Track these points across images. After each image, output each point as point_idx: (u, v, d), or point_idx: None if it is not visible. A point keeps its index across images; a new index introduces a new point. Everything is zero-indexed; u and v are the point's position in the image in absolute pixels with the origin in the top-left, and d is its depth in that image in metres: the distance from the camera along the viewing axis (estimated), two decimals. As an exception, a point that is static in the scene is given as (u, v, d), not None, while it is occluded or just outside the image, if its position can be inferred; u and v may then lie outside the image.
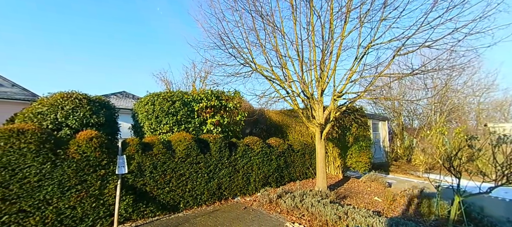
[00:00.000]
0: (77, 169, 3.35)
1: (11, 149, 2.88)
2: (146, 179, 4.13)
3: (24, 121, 4.13)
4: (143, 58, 38.27)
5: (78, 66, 39.32)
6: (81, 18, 33.50)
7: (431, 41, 4.20)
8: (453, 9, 3.82)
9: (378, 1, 5.10)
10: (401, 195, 5.92)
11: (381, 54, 5.31)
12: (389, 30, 5.11)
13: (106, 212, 3.60)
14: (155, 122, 5.69)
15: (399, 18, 4.96)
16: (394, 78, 5.72)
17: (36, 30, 31.80)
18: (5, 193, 2.80)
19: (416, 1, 5.36)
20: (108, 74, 40.13)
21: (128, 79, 40.55)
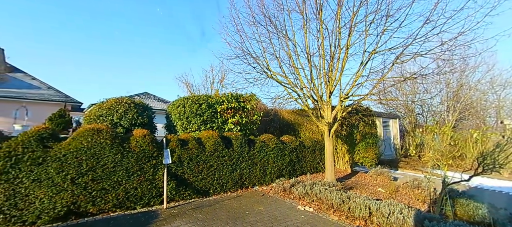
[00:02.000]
0: (137, 159, 4.39)
1: (95, 143, 3.95)
2: (185, 168, 5.13)
3: (89, 122, 5.27)
4: (166, 60, 40.33)
5: (102, 68, 42.01)
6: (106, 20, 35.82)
7: (424, 51, 4.84)
8: (442, 25, 4.46)
9: (380, 13, 5.74)
10: (403, 187, 6.58)
11: (386, 58, 5.89)
12: (390, 39, 5.79)
13: (157, 193, 4.63)
14: (186, 121, 6.72)
15: (400, 28, 5.62)
16: (396, 82, 6.34)
17: (68, 32, 34.46)
18: (93, 175, 3.87)
19: (414, 14, 5.93)
20: (130, 75, 42.57)
21: (150, 80, 42.84)
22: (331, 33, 6.26)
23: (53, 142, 3.72)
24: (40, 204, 3.41)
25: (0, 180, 3.20)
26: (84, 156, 3.81)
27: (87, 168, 3.82)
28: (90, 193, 3.84)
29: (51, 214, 3.47)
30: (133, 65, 44.91)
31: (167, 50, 45.59)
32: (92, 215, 3.94)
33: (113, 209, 4.11)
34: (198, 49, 45.37)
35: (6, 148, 3.27)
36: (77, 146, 3.78)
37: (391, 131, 15.05)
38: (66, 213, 3.62)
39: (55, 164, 3.56)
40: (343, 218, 4.36)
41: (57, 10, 32.33)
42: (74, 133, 3.98)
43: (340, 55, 6.33)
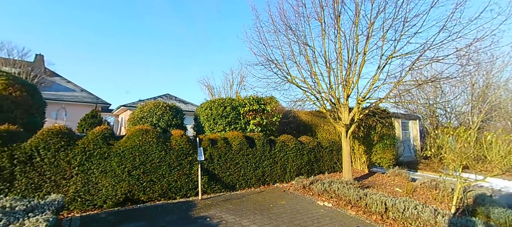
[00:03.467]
0: (177, 155, 5.10)
1: (144, 141, 4.70)
2: (215, 165, 5.78)
3: (134, 123, 6.10)
4: (188, 62, 42.15)
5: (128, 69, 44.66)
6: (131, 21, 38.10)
7: (441, 57, 5.07)
8: (458, 33, 4.68)
9: (398, 20, 5.99)
10: (421, 187, 6.76)
11: (404, 62, 6.13)
12: (407, 45, 6.03)
13: (193, 186, 5.31)
14: (213, 122, 7.40)
15: (417, 33, 5.86)
16: (413, 86, 6.54)
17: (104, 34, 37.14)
18: (144, 168, 4.62)
19: (431, 20, 6.10)
20: (153, 77, 44.88)
21: (171, 81, 44.96)
22: (348, 39, 6.60)
23: (114, 140, 4.51)
24: (105, 191, 4.20)
25: (78, 170, 4.01)
26: (137, 152, 4.57)
27: (139, 163, 4.57)
28: (142, 184, 4.59)
29: (113, 200, 4.25)
30: (144, 65, 47.37)
31: (186, 52, 47.46)
32: (142, 203, 4.70)
33: (159, 198, 4.85)
34: (216, 53, 46.79)
35: (81, 145, 4.08)
36: (132, 143, 4.55)
37: (410, 132, 14.86)
38: (124, 200, 4.39)
39: (117, 158, 4.34)
40: (360, 213, 4.75)
41: (61, 8, 34.96)
42: (128, 133, 4.75)
43: (357, 59, 6.65)
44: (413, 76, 9.28)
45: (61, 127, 3.98)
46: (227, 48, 47.81)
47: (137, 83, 46.97)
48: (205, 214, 4.35)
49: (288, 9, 7.13)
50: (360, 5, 6.18)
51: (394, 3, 5.92)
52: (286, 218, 4.35)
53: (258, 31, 6.72)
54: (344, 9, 6.69)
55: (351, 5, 6.37)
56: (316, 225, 4.11)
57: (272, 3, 8.76)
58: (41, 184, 3.70)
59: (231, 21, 46.54)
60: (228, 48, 48.65)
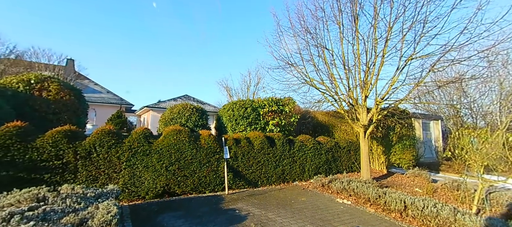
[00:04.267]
0: (206, 153, 5.60)
1: (178, 140, 5.24)
2: (239, 162, 6.23)
3: (165, 123, 6.70)
4: (205, 63, 43.62)
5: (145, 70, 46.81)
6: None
7: (462, 59, 5.12)
8: (480, 35, 4.73)
9: (417, 23, 6.06)
10: (442, 188, 6.76)
11: (424, 63, 6.19)
12: (427, 46, 6.09)
13: (220, 182, 5.80)
14: (235, 123, 7.87)
15: (438, 35, 5.91)
16: (434, 88, 6.55)
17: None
18: (179, 164, 5.17)
19: (452, 22, 6.09)
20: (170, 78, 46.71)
21: (189, 82, 46.60)
22: (367, 41, 6.75)
23: (152, 139, 5.10)
24: (147, 183, 4.79)
25: (126, 165, 4.62)
26: (172, 150, 5.12)
27: (174, 159, 5.12)
28: (177, 178, 5.14)
29: (154, 192, 4.83)
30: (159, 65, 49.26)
31: (187, 51, 48.83)
32: (177, 195, 5.25)
33: (191, 192, 5.38)
34: (236, 54, 47.68)
35: (127, 143, 4.70)
36: (168, 142, 5.11)
37: (432, 132, 14.44)
38: (162, 192, 4.96)
39: (156, 155, 4.91)
40: (379, 211, 4.96)
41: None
42: (164, 132, 5.32)
43: (375, 61, 6.77)
44: (435, 76, 9.16)
45: (111, 128, 4.60)
46: (242, 50, 48.55)
47: (137, 83, 49.06)
48: (233, 207, 4.80)
49: (307, 14, 7.39)
50: (378, 8, 6.32)
51: (414, 5, 6.01)
52: (308, 213, 4.67)
53: (278, 37, 7.06)
54: (362, 12, 6.85)
55: (370, 9, 6.50)
56: (336, 220, 4.40)
57: (292, 8, 9.04)
58: (97, 176, 4.34)
59: (238, 22, 47.16)
60: (244, 50, 49.36)
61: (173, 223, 3.85)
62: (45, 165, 3.89)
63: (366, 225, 4.19)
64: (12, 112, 5.03)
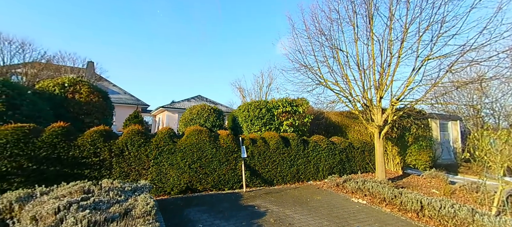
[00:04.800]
0: (225, 152, 5.90)
1: (200, 139, 5.57)
2: (255, 161, 6.48)
3: (185, 124, 7.07)
4: (220, 65, 44.46)
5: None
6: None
7: (482, 59, 5.08)
8: (501, 35, 4.68)
9: (434, 23, 6.03)
10: (460, 190, 6.68)
11: (441, 63, 6.14)
12: (445, 46, 6.05)
13: (237, 180, 6.07)
14: (250, 123, 8.13)
15: (457, 35, 5.86)
16: (451, 89, 6.48)
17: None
18: (200, 163, 5.50)
19: (472, 21, 5.99)
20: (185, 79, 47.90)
21: (203, 83, 47.63)
22: (382, 42, 6.77)
23: (177, 138, 5.46)
24: (173, 180, 5.15)
25: (154, 163, 5.01)
26: (194, 149, 5.45)
27: (196, 158, 5.46)
28: (199, 176, 5.47)
29: (178, 188, 5.18)
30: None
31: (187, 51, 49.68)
32: (198, 192, 5.58)
33: (211, 188, 5.69)
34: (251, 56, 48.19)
35: (154, 142, 5.07)
36: (190, 141, 5.45)
37: (450, 133, 14.03)
38: (185, 189, 5.30)
39: (180, 153, 5.26)
40: (395, 210, 5.03)
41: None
42: (186, 132, 5.67)
43: (391, 62, 6.78)
44: (453, 76, 8.94)
45: (140, 128, 4.99)
46: (252, 50, 48.85)
47: (148, 84, 50.43)
48: (252, 204, 5.05)
49: (321, 16, 7.50)
50: (394, 10, 6.35)
51: (431, 6, 5.98)
52: (324, 211, 4.84)
53: (293, 39, 7.24)
54: (377, 13, 6.88)
55: (385, 11, 6.53)
56: (352, 218, 4.54)
57: (306, 11, 9.19)
58: (129, 173, 4.74)
59: (248, 22, 47.40)
60: (254, 50, 49.64)
61: (199, 216, 4.15)
62: (85, 161, 4.32)
63: (382, 223, 4.30)
64: (52, 113, 5.56)
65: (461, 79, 6.69)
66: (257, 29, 47.35)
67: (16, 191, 3.13)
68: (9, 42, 10.82)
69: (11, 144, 3.69)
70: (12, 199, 2.95)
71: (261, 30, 47.36)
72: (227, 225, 3.85)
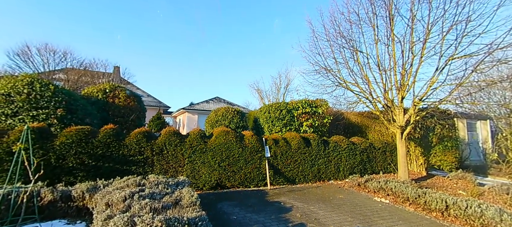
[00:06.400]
0: (250, 152, 6.30)
1: (228, 139, 6.02)
2: (278, 161, 6.81)
3: (211, 125, 7.58)
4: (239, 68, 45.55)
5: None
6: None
7: (510, 59, 5.00)
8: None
9: (459, 23, 5.97)
10: (489, 191, 6.52)
11: (468, 61, 6.05)
12: (470, 45, 5.97)
13: (262, 178, 6.45)
14: (271, 124, 8.48)
15: (483, 33, 5.78)
16: (479, 87, 6.36)
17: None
18: (228, 161, 5.95)
19: (499, 20, 5.85)
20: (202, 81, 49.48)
21: (218, 83, 48.92)
22: (403, 43, 6.79)
23: (207, 138, 5.96)
24: (204, 177, 5.64)
25: (188, 161, 5.53)
26: (223, 149, 5.92)
27: (225, 157, 5.92)
28: (227, 173, 5.92)
29: (209, 184, 5.67)
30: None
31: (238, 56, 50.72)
32: (227, 188, 6.04)
33: (238, 186, 6.12)
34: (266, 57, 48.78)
35: (188, 142, 5.60)
36: (219, 141, 5.92)
37: (479, 133, 13.38)
38: (216, 185, 5.78)
39: (210, 152, 5.75)
40: (419, 210, 5.12)
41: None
42: (214, 133, 6.15)
43: (413, 61, 6.77)
44: (482, 75, 8.61)
45: (175, 129, 5.54)
46: (268, 50, 49.19)
47: (166, 85, 52.30)
48: (277, 200, 5.39)
49: (340, 18, 7.64)
50: (415, 11, 6.37)
51: (455, 4, 5.93)
52: (347, 208, 5.06)
53: (314, 43, 7.49)
54: (398, 14, 6.91)
55: (406, 13, 6.57)
56: (376, 216, 4.72)
57: (325, 14, 9.35)
58: (168, 169, 5.31)
59: (262, 23, 47.67)
60: (270, 50, 49.96)
61: (231, 210, 4.58)
62: (132, 159, 4.94)
63: (406, 221, 4.44)
64: (98, 117, 6.31)
65: (489, 78, 6.52)
66: (269, 29, 47.64)
67: (85, 183, 3.74)
68: (53, 52, 12.14)
69: (75, 144, 4.36)
70: (84, 189, 3.55)
71: (276, 31, 47.55)
72: (258, 218, 4.23)
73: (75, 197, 3.50)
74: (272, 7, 46.68)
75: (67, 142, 4.30)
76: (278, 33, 44.78)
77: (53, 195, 3.32)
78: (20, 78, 5.00)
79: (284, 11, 45.50)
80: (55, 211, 3.37)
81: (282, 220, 4.20)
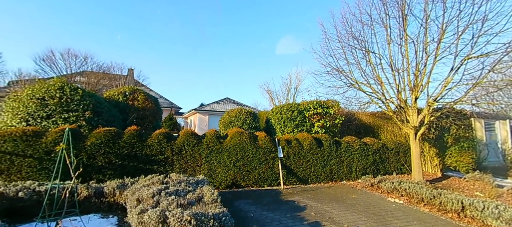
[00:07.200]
0: (263, 152, 6.49)
1: (242, 140, 6.23)
2: (291, 161, 6.96)
3: (225, 126, 7.82)
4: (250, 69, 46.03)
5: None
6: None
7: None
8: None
9: (475, 22, 5.88)
10: (508, 193, 6.39)
11: (485, 60, 5.94)
12: (487, 45, 5.88)
13: (275, 178, 6.62)
14: (283, 125, 8.62)
15: (502, 32, 5.68)
16: (497, 87, 6.24)
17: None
18: (243, 161, 6.17)
19: None
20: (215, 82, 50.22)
21: (227, 84, 49.50)
22: (416, 43, 6.75)
23: (222, 139, 6.20)
24: (220, 176, 5.89)
25: (205, 161, 5.80)
26: (238, 149, 6.14)
27: (239, 157, 6.13)
28: (242, 173, 6.14)
29: (225, 183, 5.91)
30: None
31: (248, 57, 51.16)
32: (242, 187, 6.25)
33: (252, 185, 6.32)
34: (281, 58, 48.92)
35: (205, 143, 5.87)
36: (234, 142, 6.14)
37: (497, 133, 12.95)
38: (231, 184, 6.01)
39: (226, 153, 5.99)
40: (434, 211, 5.12)
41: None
42: (229, 134, 6.38)
43: (427, 61, 6.71)
44: (500, 74, 8.36)
45: (192, 131, 5.81)
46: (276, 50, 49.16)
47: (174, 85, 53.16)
48: (291, 199, 5.55)
49: (352, 20, 7.67)
50: (429, 11, 6.33)
51: (471, 3, 5.86)
52: (361, 208, 5.14)
53: (326, 45, 7.57)
54: (411, 13, 6.87)
55: (420, 13, 6.53)
56: (390, 215, 4.78)
57: (337, 15, 9.39)
58: (186, 169, 5.59)
59: (269, 23, 47.67)
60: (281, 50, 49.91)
61: (248, 207, 4.78)
62: (154, 158, 5.25)
63: (421, 222, 4.48)
64: (121, 118, 6.69)
65: (507, 77, 6.36)
66: (277, 29, 47.62)
67: (114, 180, 4.06)
68: (75, 56, 12.86)
69: (104, 144, 4.71)
70: (114, 186, 3.86)
71: (288, 30, 47.50)
72: (274, 216, 4.41)
73: (107, 193, 3.81)
74: (275, 8, 46.66)
75: (97, 142, 4.66)
76: (283, 33, 44.75)
77: (88, 191, 3.64)
78: (52, 83, 5.43)
79: (291, 12, 45.39)
80: (89, 206, 3.69)
81: (297, 218, 4.35)
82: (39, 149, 4.20)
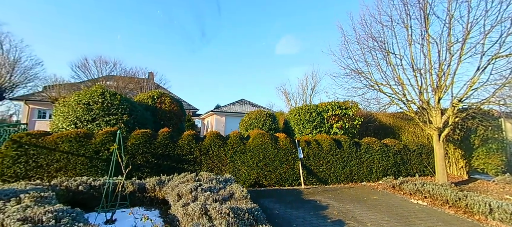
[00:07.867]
0: (284, 153, 6.74)
1: (264, 141, 6.53)
2: (311, 161, 7.14)
3: (245, 128, 8.16)
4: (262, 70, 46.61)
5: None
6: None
7: None
8: None
9: (505, 20, 5.73)
10: (543, 198, 6.11)
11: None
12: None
13: (296, 178, 6.84)
14: (301, 126, 8.81)
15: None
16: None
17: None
18: (265, 162, 6.47)
19: None
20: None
21: (241, 85, 50.29)
22: (439, 43, 6.65)
23: (245, 140, 6.55)
24: (244, 176, 6.23)
25: (229, 161, 6.17)
26: (260, 150, 6.45)
27: (262, 157, 6.44)
28: (264, 173, 6.44)
29: (248, 182, 6.24)
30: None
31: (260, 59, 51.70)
32: (264, 187, 6.55)
33: (274, 184, 6.60)
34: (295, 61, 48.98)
35: (229, 144, 6.24)
36: (256, 143, 6.46)
37: (531, 134, 12.14)
38: (254, 183, 6.33)
39: (249, 153, 6.32)
40: (460, 213, 5.07)
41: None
42: (251, 135, 6.70)
43: (451, 61, 6.59)
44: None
45: (218, 132, 6.21)
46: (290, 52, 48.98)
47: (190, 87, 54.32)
48: (313, 198, 5.75)
49: (371, 21, 7.68)
50: (453, 11, 6.23)
51: (498, 1, 5.72)
52: (383, 209, 5.22)
53: (345, 48, 7.68)
54: (433, 13, 6.78)
55: (442, 13, 6.45)
56: (413, 216, 4.83)
57: (355, 18, 9.41)
58: (213, 168, 5.99)
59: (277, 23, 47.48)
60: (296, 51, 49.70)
61: (272, 205, 5.07)
62: (184, 158, 5.71)
63: (446, 223, 4.50)
64: (152, 120, 7.26)
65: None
66: (290, 28, 47.49)
67: (153, 178, 4.52)
68: (105, 63, 13.93)
69: (142, 144, 5.23)
70: (154, 182, 4.32)
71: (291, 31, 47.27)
72: (298, 213, 4.65)
73: (148, 188, 4.27)
74: (277, 8, 46.51)
75: (136, 143, 5.18)
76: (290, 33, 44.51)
77: (133, 186, 4.11)
78: (94, 90, 6.08)
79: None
80: (134, 200, 4.17)
81: (320, 216, 4.56)
82: (89, 149, 4.78)
